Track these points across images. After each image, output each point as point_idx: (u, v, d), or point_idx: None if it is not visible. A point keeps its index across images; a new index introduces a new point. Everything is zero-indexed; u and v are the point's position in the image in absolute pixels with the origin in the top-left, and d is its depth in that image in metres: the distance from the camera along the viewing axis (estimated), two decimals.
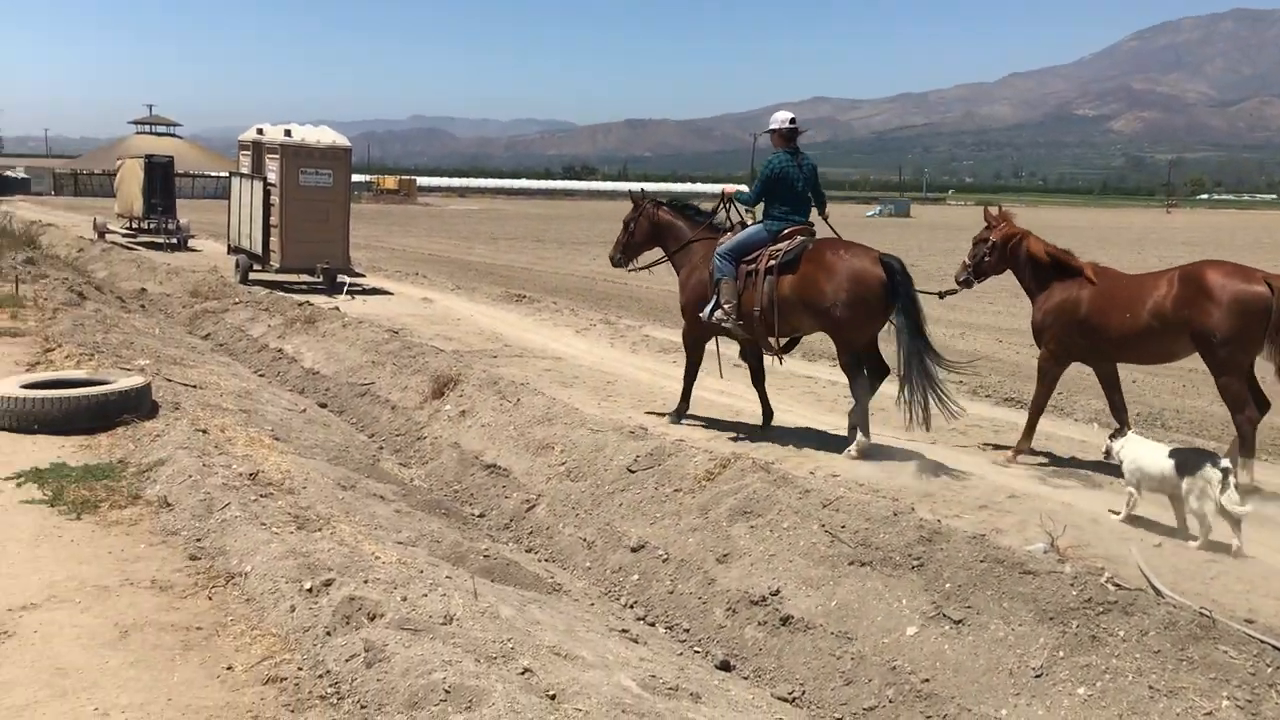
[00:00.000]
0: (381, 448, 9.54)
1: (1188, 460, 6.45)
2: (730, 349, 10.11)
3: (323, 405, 10.97)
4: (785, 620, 5.52)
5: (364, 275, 21.68)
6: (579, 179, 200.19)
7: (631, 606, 6.19)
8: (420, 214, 69.13)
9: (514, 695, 3.61)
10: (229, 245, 22.69)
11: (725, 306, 8.66)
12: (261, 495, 5.95)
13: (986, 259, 8.72)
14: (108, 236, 30.80)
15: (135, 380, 8.02)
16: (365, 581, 4.60)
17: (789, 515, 6.19)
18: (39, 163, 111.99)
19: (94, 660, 3.98)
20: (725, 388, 10.47)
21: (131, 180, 31.27)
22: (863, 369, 8.51)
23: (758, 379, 9.50)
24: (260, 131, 20.62)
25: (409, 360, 11.54)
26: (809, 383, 11.81)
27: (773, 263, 8.49)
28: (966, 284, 8.99)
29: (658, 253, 10.15)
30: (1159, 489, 6.70)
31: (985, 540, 5.60)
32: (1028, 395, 10.78)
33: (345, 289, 19.59)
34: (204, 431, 7.33)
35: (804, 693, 5.12)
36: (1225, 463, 6.39)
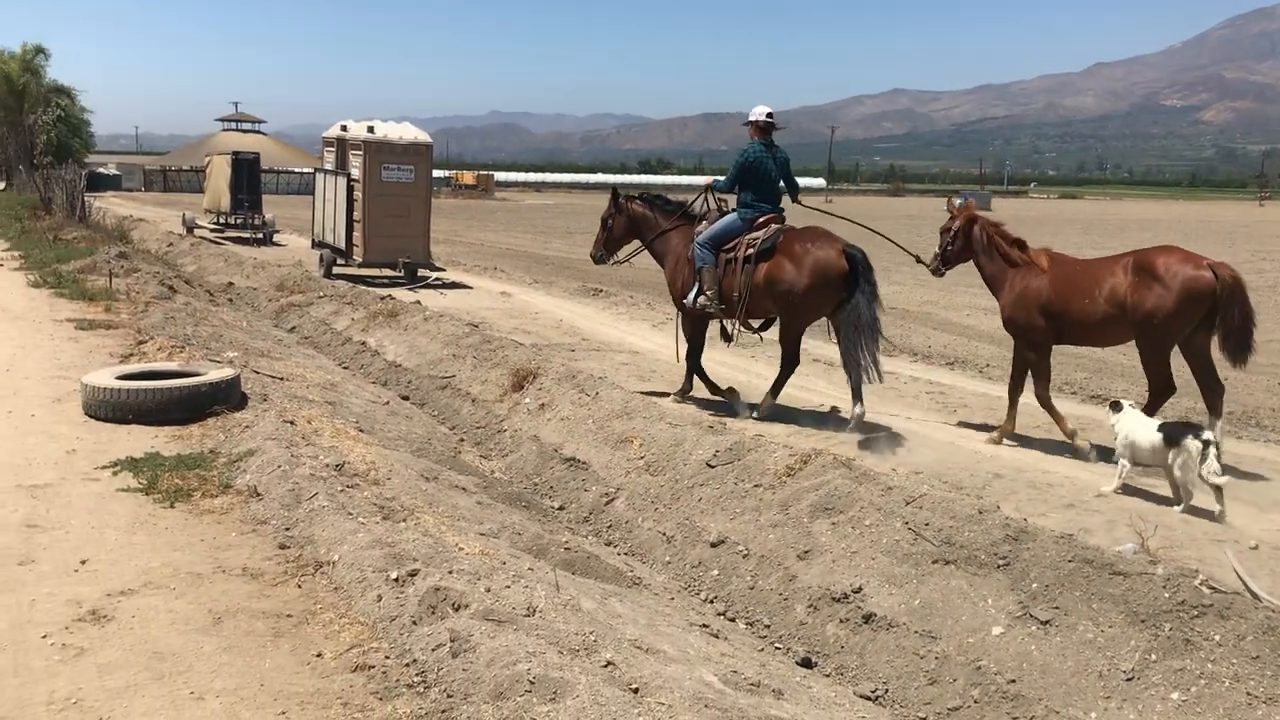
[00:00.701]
0: (462, 440, 9.64)
1: (1173, 433, 6.94)
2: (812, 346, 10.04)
3: (405, 398, 11.13)
4: (868, 618, 5.46)
5: (444, 270, 21.93)
6: (655, 173, 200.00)
7: (711, 602, 6.18)
8: (497, 209, 69.69)
9: (597, 688, 3.63)
10: (313, 240, 23.10)
11: (708, 293, 9.30)
12: (348, 486, 6.04)
13: (950, 248, 9.23)
14: (196, 231, 31.55)
15: (225, 372, 8.20)
16: (450, 572, 4.65)
17: (871, 512, 6.13)
18: (129, 159, 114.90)
19: (189, 645, 4.09)
20: (800, 381, 10.43)
21: (219, 176, 31.97)
22: (798, 349, 9.48)
23: (694, 354, 10.12)
24: (344, 128, 20.95)
25: (489, 354, 11.64)
26: (890, 378, 11.65)
27: (750, 251, 9.10)
28: (937, 272, 9.48)
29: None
30: (1150, 461, 7.16)
31: (1073, 540, 5.48)
32: (1114, 391, 10.59)
33: (426, 283, 19.85)
34: (291, 423, 7.47)
35: (887, 691, 5.07)
36: (1207, 435, 6.85)
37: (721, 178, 10.06)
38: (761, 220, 9.29)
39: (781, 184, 9.73)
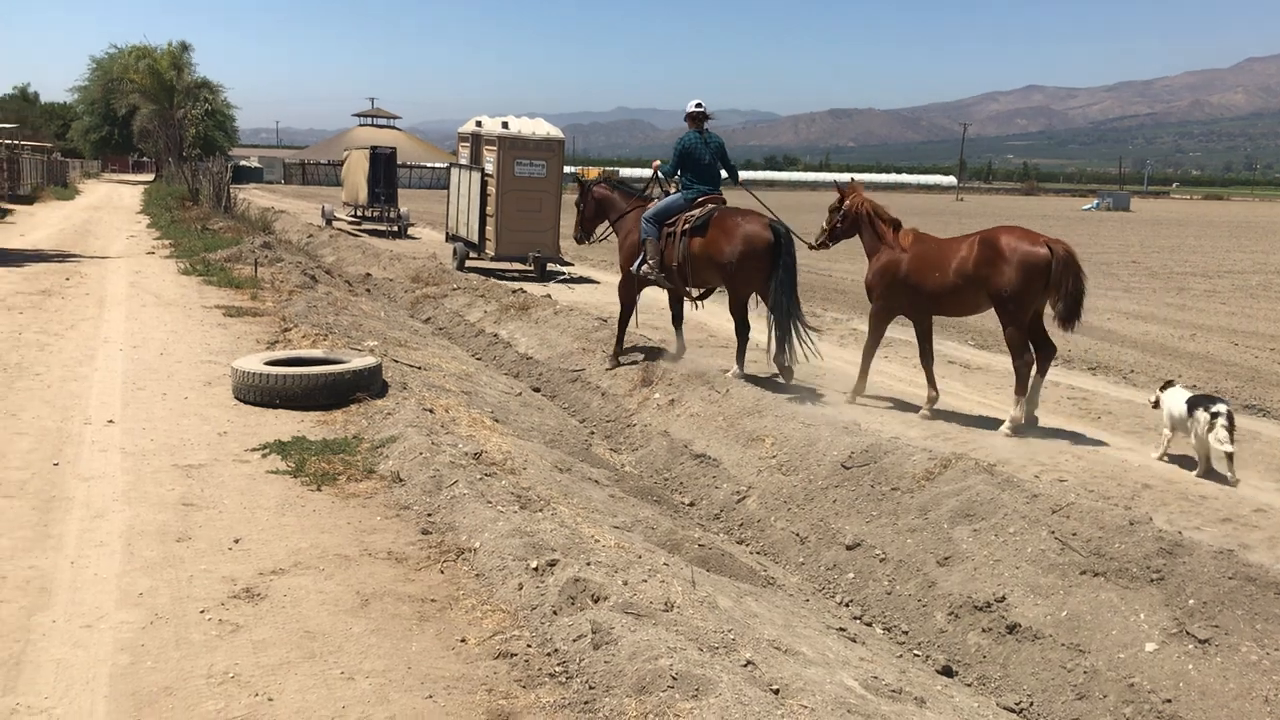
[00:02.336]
0: (593, 433, 9.70)
1: (1195, 404, 7.65)
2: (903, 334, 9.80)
3: (536, 390, 11.25)
4: (1011, 628, 5.30)
5: (572, 264, 22.13)
6: (779, 169, 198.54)
7: (847, 605, 6.08)
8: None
9: (739, 687, 3.59)
10: (447, 233, 23.54)
11: (650, 262, 10.46)
12: (486, 474, 6.12)
13: (839, 225, 10.15)
14: (334, 224, 32.47)
15: (368, 360, 8.40)
16: (588, 564, 4.67)
17: (1015, 519, 5.95)
18: (270, 153, 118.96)
19: (338, 625, 4.18)
20: (899, 372, 10.17)
21: (357, 170, 32.82)
22: (746, 314, 10.31)
23: (677, 321, 11.29)
24: (479, 124, 21.29)
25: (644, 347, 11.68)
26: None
27: (687, 226, 10.16)
28: (823, 245, 10.38)
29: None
30: (1178, 428, 7.89)
31: (1233, 555, 5.23)
32: (1269, 402, 10.10)
33: (556, 277, 20.05)
34: (430, 411, 7.61)
35: (1032, 704, 4.91)
36: (1218, 407, 7.47)
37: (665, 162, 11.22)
38: (700, 200, 10.35)
39: (723, 171, 10.80)
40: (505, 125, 20.42)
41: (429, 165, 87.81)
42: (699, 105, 10.61)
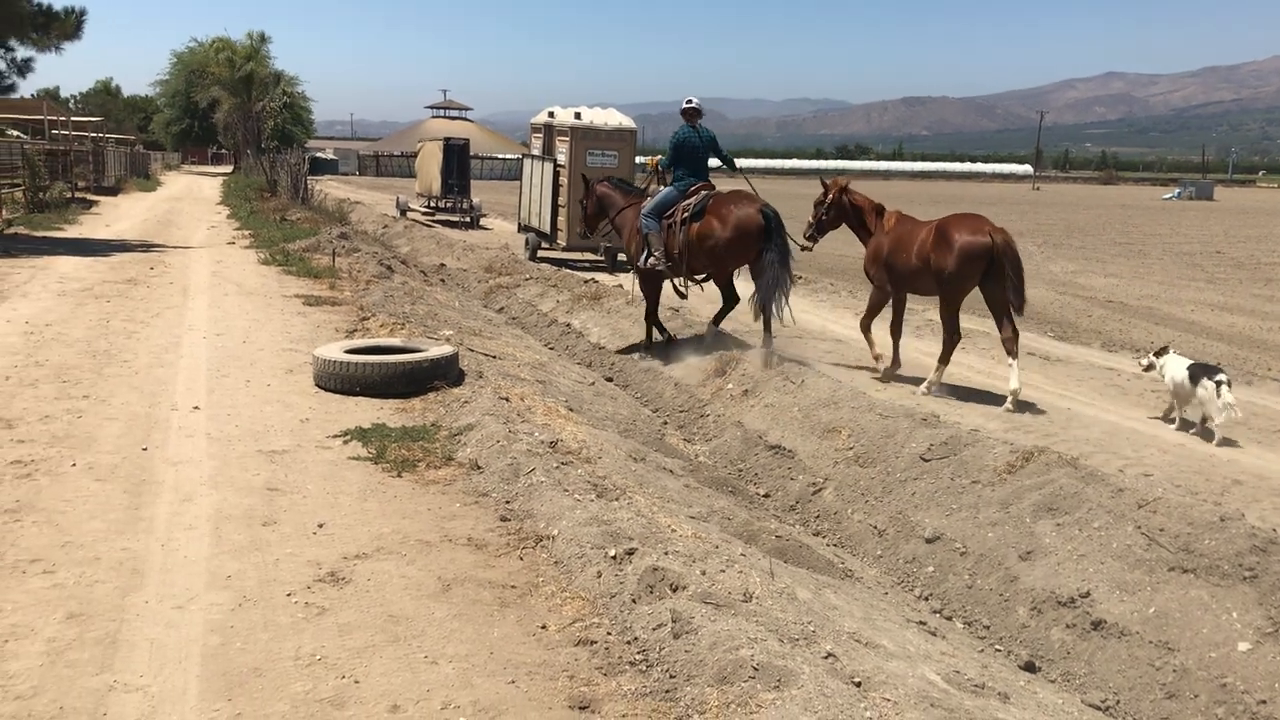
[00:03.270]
0: (665, 423, 9.69)
1: (1197, 373, 8.38)
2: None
3: (609, 379, 11.27)
4: (1096, 624, 5.20)
5: None
6: (851, 158, 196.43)
7: (926, 598, 6.01)
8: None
9: (821, 679, 3.56)
10: (519, 224, 23.67)
11: (656, 254, 10.96)
12: (562, 463, 6.15)
13: (824, 218, 10.81)
14: (408, 214, 32.85)
15: (445, 349, 8.48)
16: (665, 553, 4.67)
17: (1100, 514, 5.83)
18: (345, 145, 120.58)
19: (421, 610, 4.23)
20: (977, 364, 10.01)
21: (431, 162, 33.12)
22: (734, 288, 11.06)
23: (651, 314, 11.80)
24: (551, 115, 21.38)
25: (690, 337, 11.68)
26: (1111, 375, 11.08)
27: (685, 215, 10.68)
28: (812, 239, 10.94)
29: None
30: (1180, 394, 8.57)
31: None
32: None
33: (627, 267, 20.09)
34: (506, 400, 7.66)
35: (1118, 702, 4.82)
36: (1221, 376, 8.28)
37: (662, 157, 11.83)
38: (693, 189, 10.87)
39: (715, 160, 11.50)
40: (578, 116, 20.47)
41: (500, 156, 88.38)
42: (691, 102, 11.30)
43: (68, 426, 6.65)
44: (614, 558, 4.64)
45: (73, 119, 42.67)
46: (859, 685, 3.67)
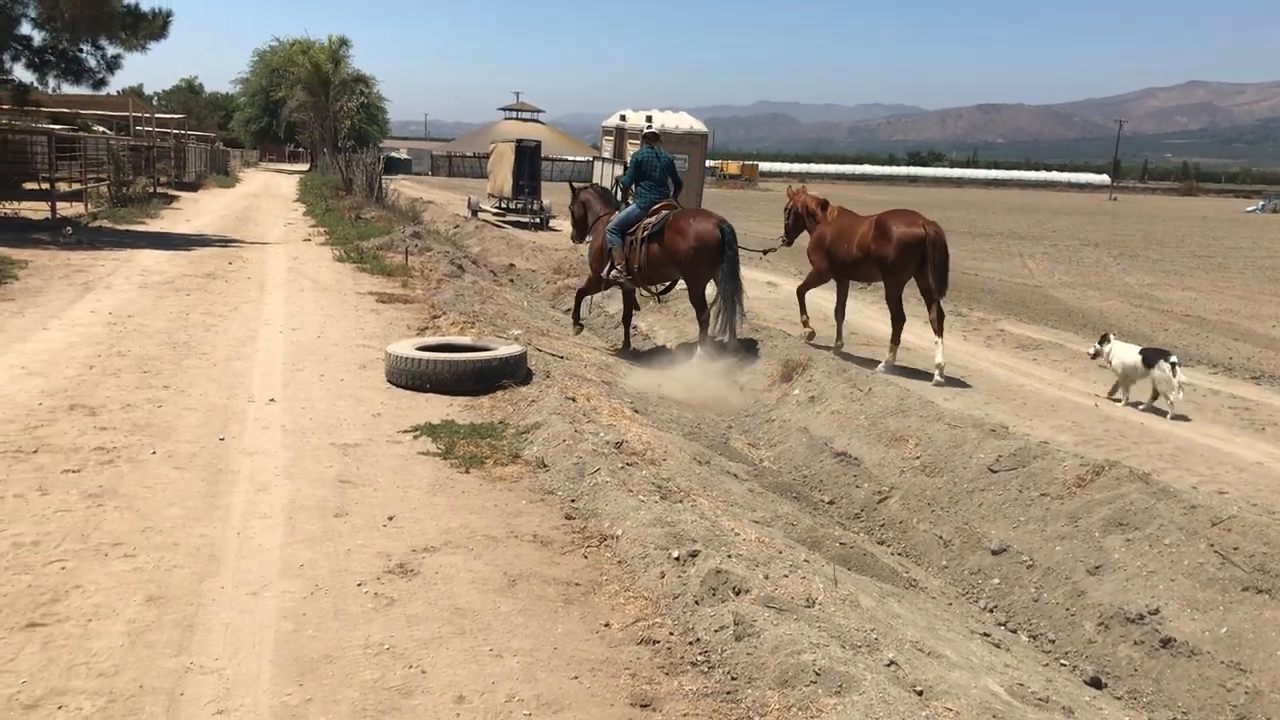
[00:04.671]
0: (730, 427, 9.69)
1: (1151, 357, 9.60)
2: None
3: (675, 381, 11.28)
4: (1165, 642, 5.11)
5: None
6: (924, 165, 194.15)
7: (991, 610, 5.95)
8: (760, 199, 69.61)
9: (883, 686, 3.56)
10: None
11: (618, 268, 11.51)
12: (627, 463, 6.19)
13: (787, 223, 12.52)
14: (479, 215, 33.15)
15: (514, 348, 8.58)
16: (729, 556, 4.69)
17: (1171, 531, 5.72)
18: (418, 145, 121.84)
19: (487, 604, 4.30)
20: (1047, 375, 9.90)
21: (503, 163, 33.39)
22: (706, 302, 11.26)
23: (627, 319, 12.51)
24: (623, 118, 21.51)
25: (758, 343, 11.66)
26: (1186, 390, 10.85)
27: (645, 232, 11.19)
28: (786, 243, 12.78)
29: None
30: (1132, 375, 9.73)
31: None
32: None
33: None
34: (573, 399, 7.73)
35: None
36: (1173, 358, 9.49)
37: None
38: (655, 207, 11.35)
39: (669, 181, 11.83)
40: (649, 119, 20.58)
41: (570, 159, 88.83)
42: (650, 125, 12.38)
43: (148, 415, 6.85)
44: (677, 559, 4.68)
45: (156, 116, 43.77)
46: (920, 694, 3.66)
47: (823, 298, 14.30)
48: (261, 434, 6.61)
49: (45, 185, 21.21)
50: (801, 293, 12.35)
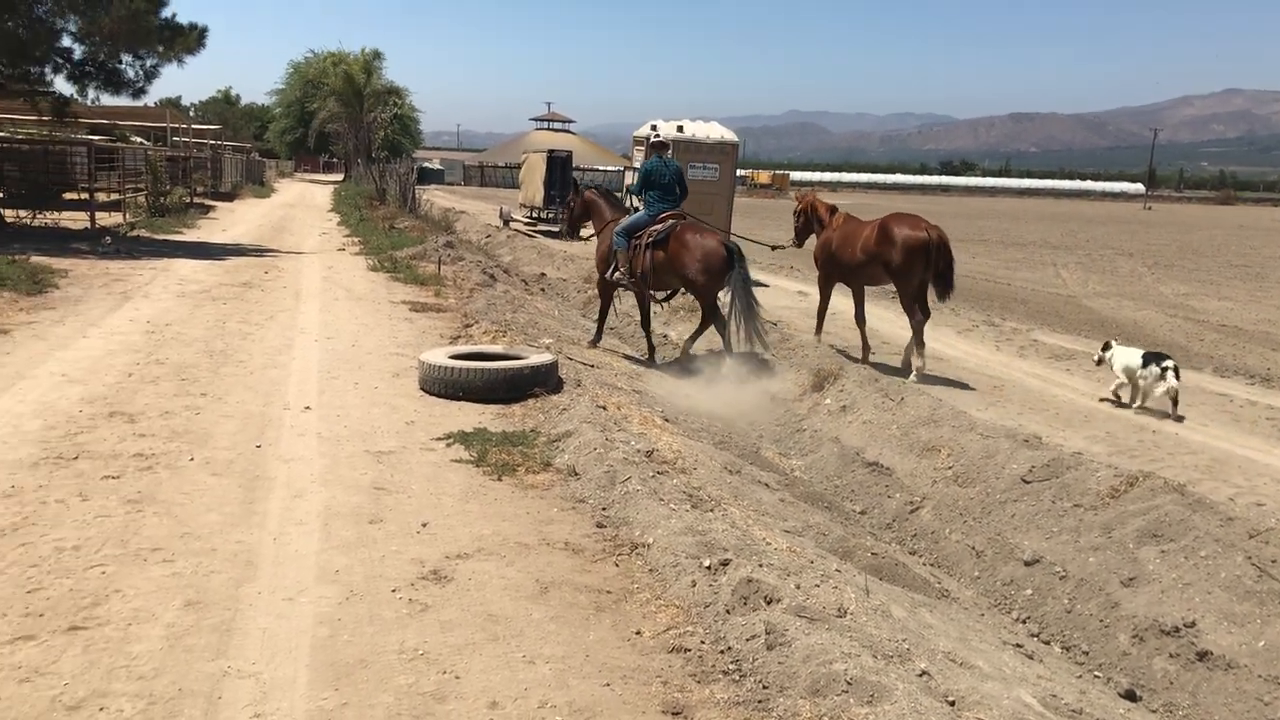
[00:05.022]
0: (761, 436, 9.70)
1: (1149, 359, 9.96)
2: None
3: (706, 390, 11.29)
4: (1202, 655, 5.07)
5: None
6: (956, 174, 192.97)
7: (1024, 621, 5.93)
8: (790, 208, 69.22)
9: (915, 696, 3.56)
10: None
11: (621, 270, 11.81)
12: (658, 472, 6.22)
13: (798, 225, 13.01)
14: (511, 224, 33.30)
15: (545, 357, 8.63)
16: (760, 565, 4.69)
17: (1207, 543, 5.68)
18: (451, 155, 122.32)
19: (519, 611, 4.33)
20: (1081, 385, 9.83)
21: (535, 173, 33.53)
22: (720, 312, 11.40)
23: (645, 323, 12.64)
24: (654, 128, 21.51)
25: (788, 353, 11.66)
26: (1223, 401, 10.75)
27: (651, 239, 11.45)
28: (797, 244, 13.37)
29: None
30: (1131, 378, 10.06)
31: None
32: None
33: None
34: (603, 408, 7.76)
35: None
36: (1168, 362, 9.78)
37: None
38: (662, 215, 11.62)
39: (677, 189, 12.10)
40: (680, 129, 20.59)
41: (601, 168, 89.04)
42: (657, 135, 12.70)
43: (186, 422, 6.94)
44: (708, 568, 4.69)
45: (193, 126, 44.28)
46: (953, 704, 3.66)
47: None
48: (297, 441, 6.68)
49: (85, 195, 21.52)
50: (820, 312, 12.71)
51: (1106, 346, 10.61)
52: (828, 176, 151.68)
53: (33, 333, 9.72)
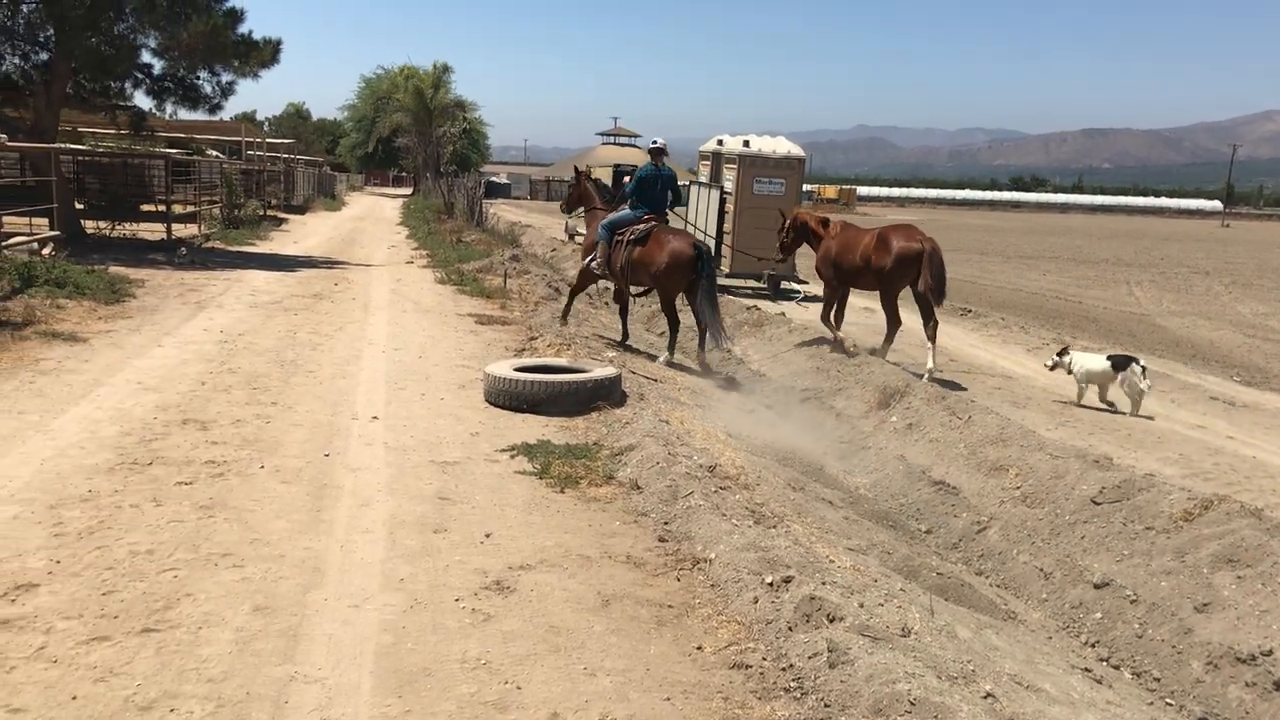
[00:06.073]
0: (825, 453, 9.62)
1: (1118, 362, 10.40)
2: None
3: (768, 407, 11.26)
4: (1279, 685, 4.93)
5: (806, 283, 22.01)
6: (1027, 189, 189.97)
7: (1093, 645, 5.81)
8: (857, 223, 68.81)
9: (980, 718, 3.51)
10: None
11: (599, 260, 12.45)
12: (720, 488, 6.20)
13: (786, 241, 13.58)
14: (576, 239, 33.48)
15: (609, 371, 8.66)
16: (823, 583, 4.66)
17: None
18: (517, 170, 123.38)
19: (581, 623, 4.35)
20: (1154, 407, 9.61)
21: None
22: (676, 313, 12.19)
23: (623, 312, 13.15)
24: (720, 142, 21.52)
25: (854, 369, 11.57)
26: None
27: (631, 237, 12.07)
28: (781, 260, 14.76)
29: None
30: (1099, 380, 10.57)
31: None
32: None
33: (790, 296, 20.01)
34: (666, 422, 7.76)
35: None
36: (1141, 363, 10.36)
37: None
38: (645, 217, 12.20)
39: (669, 194, 12.86)
40: (746, 144, 20.56)
41: None
42: (656, 143, 13.06)
43: (257, 430, 7.07)
44: (771, 584, 4.66)
45: (267, 140, 45.18)
46: None
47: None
48: (364, 450, 6.77)
49: (162, 207, 22.04)
50: (825, 317, 12.95)
51: (1063, 352, 11.04)
52: (895, 192, 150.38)
53: (110, 341, 9.98)
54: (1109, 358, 10.61)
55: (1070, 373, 10.80)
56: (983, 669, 4.08)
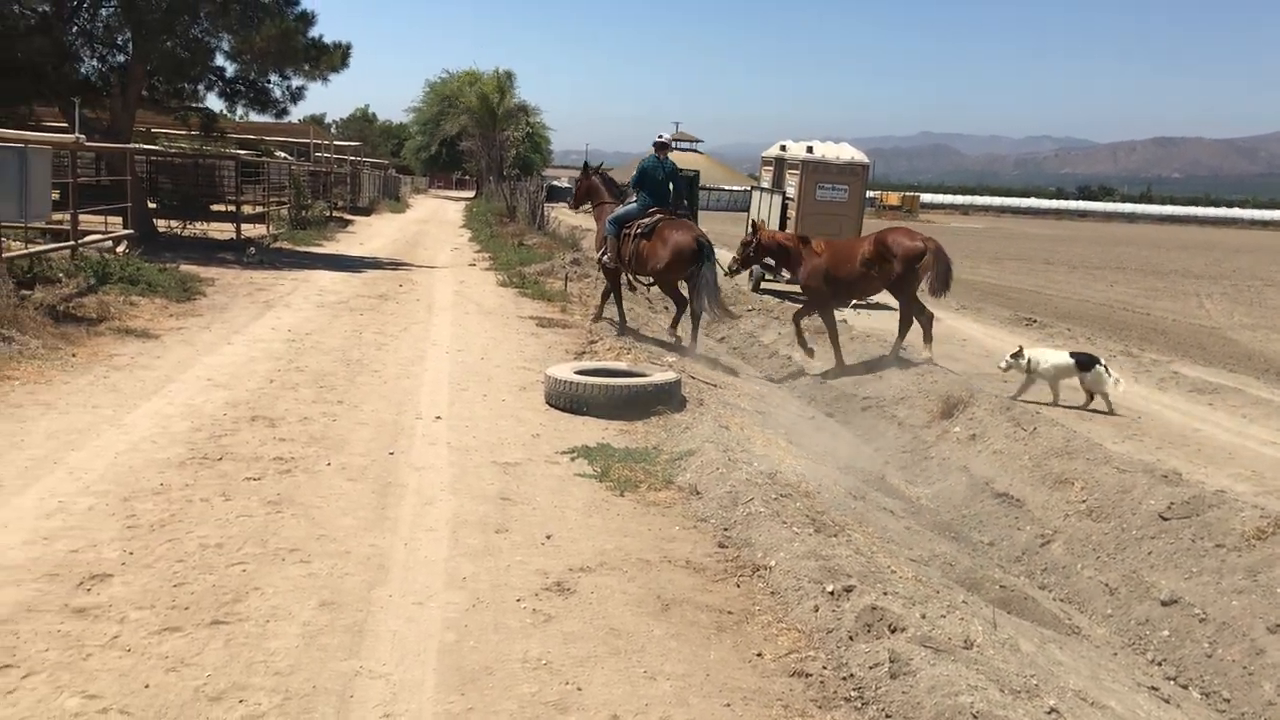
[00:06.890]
0: (887, 462, 9.55)
1: (1083, 360, 10.80)
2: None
3: (829, 415, 11.21)
4: None
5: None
6: (1094, 199, 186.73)
7: (1160, 664, 5.71)
8: (920, 230, 68.14)
9: None
10: None
11: (609, 254, 12.78)
12: (780, 494, 6.17)
13: (749, 255, 13.36)
14: None
15: (669, 375, 8.68)
16: (884, 593, 4.62)
17: None
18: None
19: (640, 626, 4.36)
20: (1207, 414, 9.40)
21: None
22: (679, 293, 12.55)
23: (618, 299, 13.37)
24: (783, 148, 21.46)
25: (915, 378, 11.47)
26: None
27: (637, 230, 12.40)
28: (735, 272, 14.46)
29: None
30: (1064, 376, 10.84)
31: None
32: None
33: (850, 302, 19.88)
34: (726, 428, 7.76)
35: None
36: (1104, 361, 10.80)
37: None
38: (650, 211, 12.52)
39: (671, 186, 13.04)
40: (810, 150, 20.48)
41: (727, 188, 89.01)
42: (661, 137, 13.37)
43: (323, 428, 7.19)
44: (832, 593, 4.64)
45: (334, 143, 45.85)
46: None
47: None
48: (428, 450, 6.86)
49: (231, 207, 22.47)
50: (797, 319, 13.23)
51: (1018, 354, 11.23)
52: (959, 199, 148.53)
53: (181, 338, 10.20)
54: (1072, 354, 11.01)
55: (1028, 372, 11.02)
56: (1046, 684, 4.02)
